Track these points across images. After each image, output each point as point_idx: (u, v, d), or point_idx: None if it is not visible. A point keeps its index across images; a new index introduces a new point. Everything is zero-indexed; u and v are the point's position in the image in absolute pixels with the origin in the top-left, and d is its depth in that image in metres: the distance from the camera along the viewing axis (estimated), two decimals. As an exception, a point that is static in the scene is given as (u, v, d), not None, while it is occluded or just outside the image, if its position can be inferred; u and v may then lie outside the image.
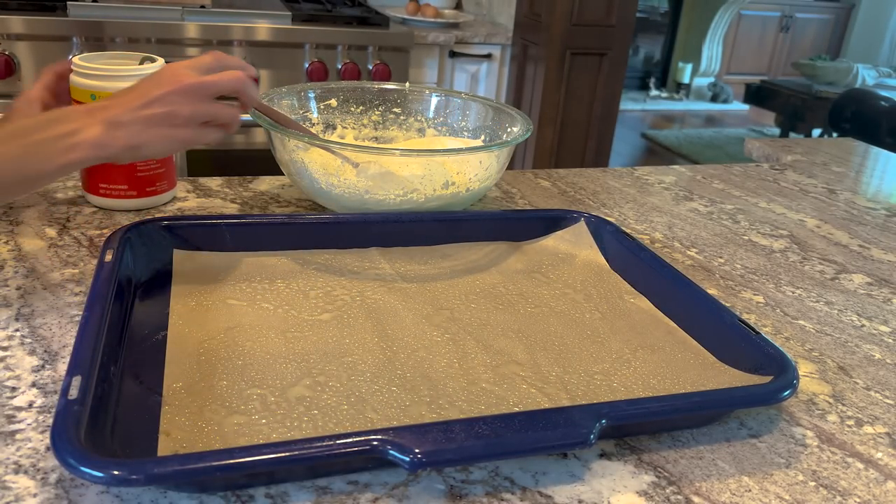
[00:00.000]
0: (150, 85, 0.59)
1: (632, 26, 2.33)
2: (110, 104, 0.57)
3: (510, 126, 0.85)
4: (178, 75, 0.59)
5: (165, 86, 0.58)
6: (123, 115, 0.57)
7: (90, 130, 0.55)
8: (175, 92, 0.58)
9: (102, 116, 0.56)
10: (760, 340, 0.55)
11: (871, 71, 5.21)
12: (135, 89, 0.59)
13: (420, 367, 0.53)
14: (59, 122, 0.55)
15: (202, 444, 0.43)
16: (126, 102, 0.57)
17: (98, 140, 0.55)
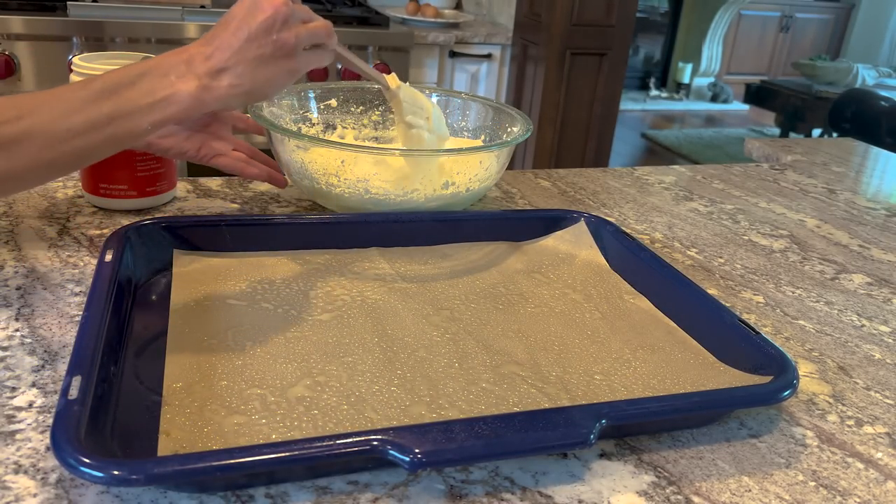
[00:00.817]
0: (245, 15, 0.54)
1: (632, 26, 2.33)
2: (208, 46, 0.53)
3: (510, 126, 0.85)
4: (273, 1, 0.54)
5: (265, 10, 0.53)
6: (226, 59, 0.53)
7: (188, 82, 0.52)
8: (276, 21, 0.54)
9: (202, 64, 0.52)
10: (760, 340, 0.55)
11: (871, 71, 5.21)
12: (229, 23, 0.54)
13: (420, 367, 0.53)
14: (151, 74, 0.52)
15: (202, 444, 0.43)
16: (226, 42, 0.53)
17: (197, 92, 0.52)
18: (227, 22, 0.54)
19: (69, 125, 0.50)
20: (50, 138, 0.50)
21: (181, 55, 0.53)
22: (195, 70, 0.52)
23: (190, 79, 0.52)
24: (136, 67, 0.53)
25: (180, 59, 0.53)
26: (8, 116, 0.49)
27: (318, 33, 0.57)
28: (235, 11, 0.55)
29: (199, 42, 0.54)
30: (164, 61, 0.53)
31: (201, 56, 0.53)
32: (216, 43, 0.53)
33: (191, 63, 0.52)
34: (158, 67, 0.52)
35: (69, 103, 0.50)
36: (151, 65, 0.52)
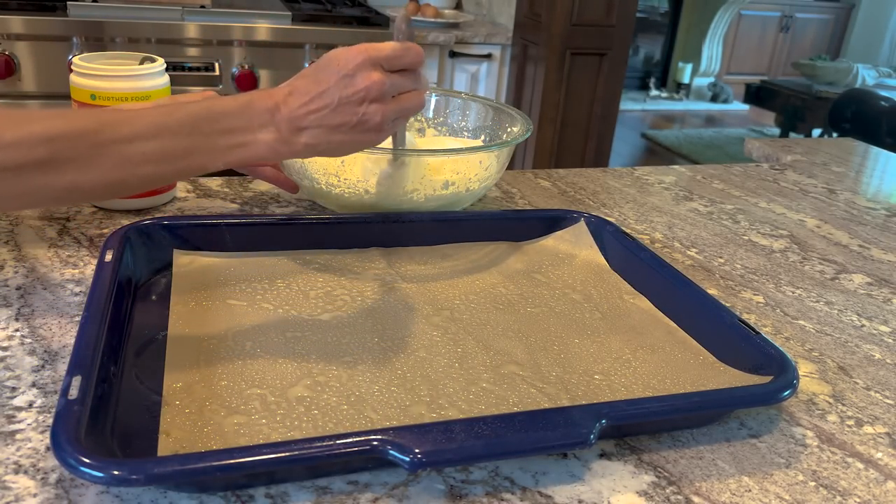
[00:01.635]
0: (341, 81, 0.53)
1: (632, 26, 2.33)
2: (296, 100, 0.52)
3: (510, 126, 0.85)
4: (371, 75, 0.53)
5: (358, 84, 0.53)
6: (309, 120, 0.52)
7: (268, 133, 0.52)
8: (368, 96, 0.53)
9: (287, 118, 0.52)
10: (760, 340, 0.55)
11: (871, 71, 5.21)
12: (321, 80, 0.53)
13: (420, 367, 0.53)
14: (236, 116, 0.52)
15: (202, 444, 0.43)
16: (315, 102, 0.52)
17: (275, 145, 0.52)
18: (319, 78, 0.53)
19: (145, 149, 0.49)
20: (123, 159, 0.49)
21: (267, 101, 0.52)
22: (278, 123, 0.52)
23: (271, 130, 0.52)
24: (223, 104, 0.52)
25: (265, 107, 0.52)
26: (88, 128, 0.48)
27: (407, 109, 0.56)
28: (332, 68, 0.53)
29: (287, 89, 0.53)
30: (252, 105, 0.52)
31: (286, 109, 0.52)
32: (303, 98, 0.53)
33: (275, 114, 0.52)
34: (244, 112, 0.52)
35: (149, 128, 0.50)
36: (238, 105, 0.52)
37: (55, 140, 0.47)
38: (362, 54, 0.53)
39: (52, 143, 0.47)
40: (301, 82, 0.53)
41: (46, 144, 0.46)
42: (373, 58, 0.53)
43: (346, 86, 0.53)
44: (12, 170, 0.46)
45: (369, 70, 0.53)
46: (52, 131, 0.47)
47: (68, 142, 0.47)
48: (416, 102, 0.57)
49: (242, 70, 1.85)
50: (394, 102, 0.55)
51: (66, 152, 0.47)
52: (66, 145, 0.47)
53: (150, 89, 0.74)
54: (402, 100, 0.56)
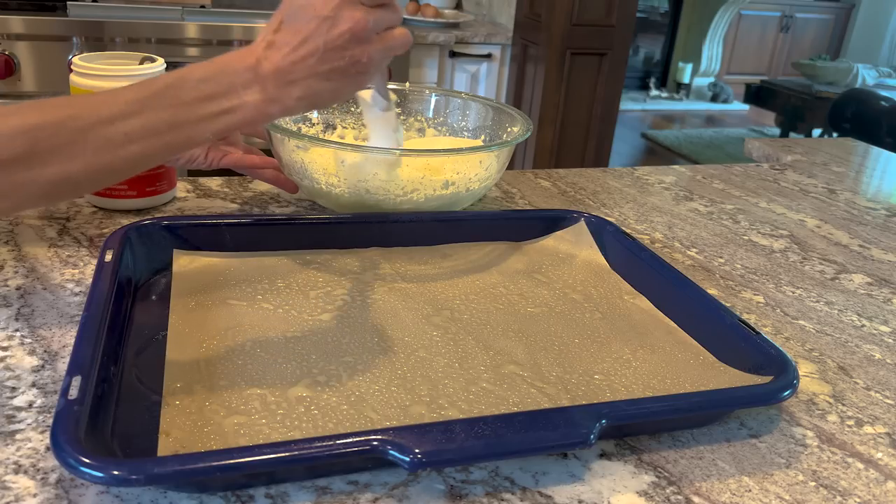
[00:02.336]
0: (322, 25, 0.49)
1: (632, 26, 2.33)
2: (278, 52, 0.49)
3: (510, 126, 0.85)
4: (353, 14, 0.49)
5: (342, 26, 0.49)
6: (297, 71, 0.49)
7: (253, 93, 0.49)
8: (354, 36, 0.50)
9: (272, 73, 0.49)
10: (760, 340, 0.55)
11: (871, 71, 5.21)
12: (301, 26, 0.49)
13: (420, 367, 0.53)
14: (215, 80, 0.49)
15: (202, 444, 0.43)
16: (299, 51, 0.49)
17: (264, 105, 0.49)
18: (298, 25, 0.50)
19: (126, 129, 0.47)
20: (106, 142, 0.47)
21: (246, 59, 0.49)
22: (263, 80, 0.49)
23: (256, 90, 0.49)
24: (198, 70, 0.49)
25: (246, 65, 0.49)
26: (65, 114, 0.46)
27: (394, 47, 0.53)
28: (308, 12, 0.50)
29: (265, 41, 0.50)
30: (229, 65, 0.49)
31: (269, 64, 0.49)
32: (285, 49, 0.49)
33: (257, 70, 0.49)
34: (223, 72, 0.49)
35: (127, 106, 0.47)
36: (214, 68, 0.49)
37: (32, 130, 0.45)
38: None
39: (29, 134, 0.45)
40: (279, 34, 0.50)
41: (24, 136, 0.45)
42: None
43: (328, 29, 0.49)
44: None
45: (350, 9, 0.50)
46: (28, 122, 0.45)
47: (46, 131, 0.45)
48: (402, 40, 0.54)
49: (242, 70, 1.85)
50: (379, 40, 0.52)
51: (46, 142, 0.45)
52: (45, 134, 0.45)
53: (150, 89, 0.74)
54: (386, 37, 0.52)
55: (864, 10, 6.19)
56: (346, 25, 0.49)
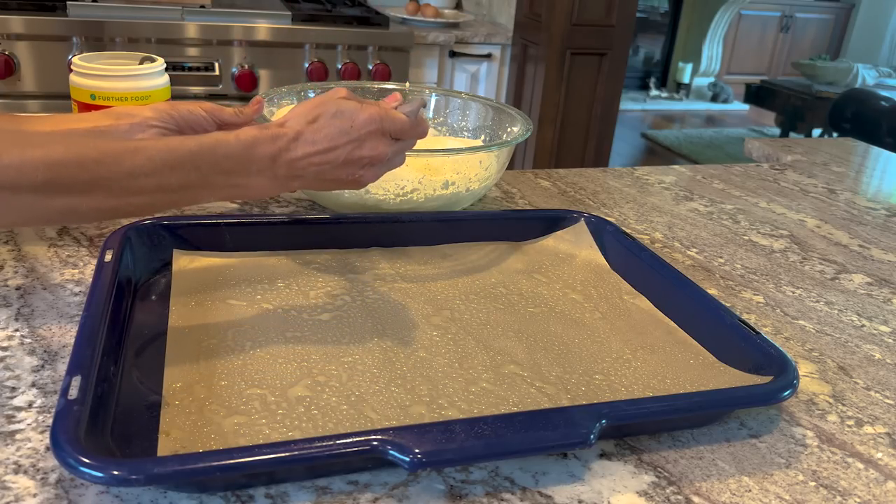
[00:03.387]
0: (350, 144, 0.54)
1: (632, 26, 2.32)
2: (301, 149, 0.53)
3: (510, 126, 0.85)
4: (378, 145, 0.55)
5: (365, 151, 0.55)
6: (309, 170, 0.54)
7: (263, 178, 0.53)
8: (370, 162, 0.56)
9: (286, 164, 0.53)
10: (760, 340, 0.55)
11: (871, 71, 5.20)
12: (333, 138, 0.54)
13: (420, 367, 0.53)
14: (235, 160, 0.51)
15: (202, 444, 0.43)
16: (319, 156, 0.54)
17: (267, 188, 0.54)
18: (330, 132, 0.54)
19: (141, 184, 0.49)
20: (121, 190, 0.49)
21: (270, 147, 0.52)
22: (276, 168, 0.53)
23: (267, 175, 0.53)
24: (226, 146, 0.51)
25: (267, 154, 0.52)
26: (89, 157, 0.48)
27: (393, 167, 0.60)
28: (344, 125, 0.54)
29: (295, 131, 0.53)
30: (254, 150, 0.52)
31: (288, 157, 0.53)
32: (309, 148, 0.53)
33: (276, 160, 0.53)
34: (245, 156, 0.52)
35: (150, 164, 0.49)
36: (241, 149, 0.51)
37: (56, 166, 0.46)
38: (376, 123, 0.55)
39: (52, 169, 0.46)
40: (311, 130, 0.54)
41: (46, 169, 0.46)
42: (385, 129, 0.56)
43: (353, 149, 0.54)
44: (9, 189, 0.45)
45: (378, 139, 0.55)
46: (52, 157, 0.46)
47: (68, 169, 0.47)
48: (401, 162, 0.61)
49: (242, 70, 1.85)
50: (385, 166, 0.58)
51: (66, 179, 0.47)
52: (66, 172, 0.47)
53: (150, 89, 0.74)
54: (391, 163, 0.59)
55: (864, 10, 6.19)
56: (369, 153, 0.55)
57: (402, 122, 0.57)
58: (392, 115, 0.56)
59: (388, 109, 0.57)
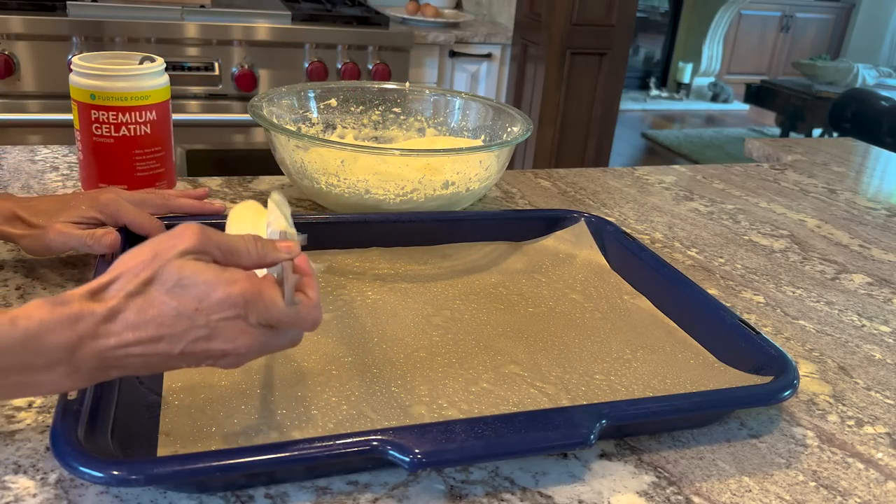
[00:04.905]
0: (192, 331, 0.38)
1: (632, 26, 2.32)
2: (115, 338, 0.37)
3: (510, 126, 0.85)
4: (238, 338, 0.39)
5: (215, 346, 0.39)
6: (128, 361, 0.38)
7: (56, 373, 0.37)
8: (226, 356, 0.40)
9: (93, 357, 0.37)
10: (761, 340, 0.55)
11: (872, 71, 5.20)
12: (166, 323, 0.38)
13: (420, 367, 0.53)
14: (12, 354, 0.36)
15: (202, 444, 0.43)
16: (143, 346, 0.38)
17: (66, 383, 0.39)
18: (164, 311, 0.38)
19: None
20: None
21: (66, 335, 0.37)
22: (78, 362, 0.37)
23: (61, 371, 0.37)
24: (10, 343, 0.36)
25: (61, 344, 0.37)
26: None
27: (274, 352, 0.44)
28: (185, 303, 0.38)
29: (108, 307, 0.37)
30: (39, 341, 0.36)
31: (95, 347, 0.37)
32: (127, 337, 0.37)
33: (74, 354, 0.37)
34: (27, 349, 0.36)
35: None
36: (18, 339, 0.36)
37: None
38: (235, 308, 0.39)
39: None
40: (134, 308, 0.37)
41: None
42: (250, 318, 0.39)
43: (199, 339, 0.38)
44: None
45: (239, 330, 0.39)
46: None
47: None
48: (289, 344, 0.44)
49: (242, 70, 1.85)
50: (257, 350, 0.41)
51: None
52: None
53: (150, 89, 0.74)
54: (270, 344, 0.42)
55: (864, 9, 6.19)
56: (223, 346, 0.39)
57: (276, 312, 0.40)
58: (264, 301, 0.39)
59: (260, 287, 0.40)
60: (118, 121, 0.73)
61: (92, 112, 0.73)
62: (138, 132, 0.74)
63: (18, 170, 0.85)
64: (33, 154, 0.91)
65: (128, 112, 0.73)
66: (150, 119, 0.74)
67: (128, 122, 0.73)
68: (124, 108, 0.73)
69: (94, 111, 0.73)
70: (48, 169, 0.86)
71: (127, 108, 0.73)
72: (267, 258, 0.42)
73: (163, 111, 0.76)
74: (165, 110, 0.76)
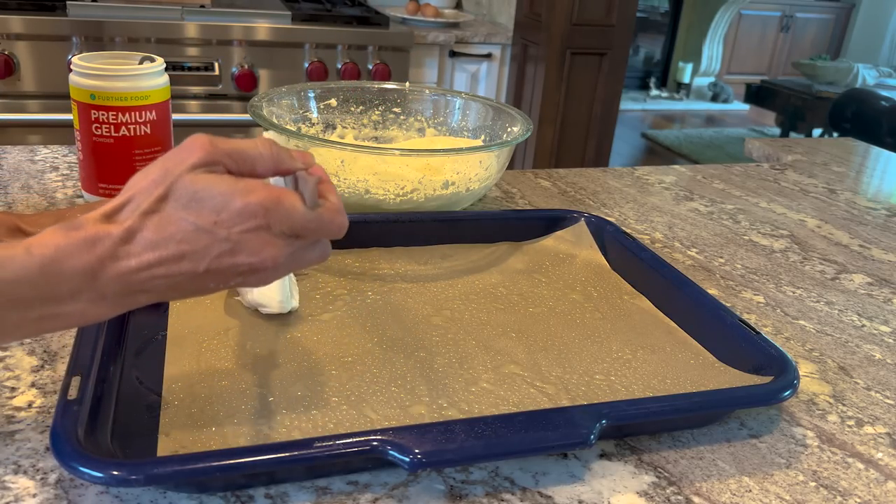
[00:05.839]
0: (215, 246, 0.37)
1: (632, 26, 2.32)
2: (136, 259, 0.36)
3: (510, 126, 0.85)
4: (263, 249, 0.38)
5: (241, 259, 0.38)
6: (153, 283, 0.37)
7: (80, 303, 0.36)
8: (253, 270, 0.38)
9: (115, 281, 0.36)
10: (761, 340, 0.55)
11: (872, 71, 5.21)
12: (188, 239, 0.36)
13: (420, 367, 0.53)
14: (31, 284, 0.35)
15: (202, 444, 0.43)
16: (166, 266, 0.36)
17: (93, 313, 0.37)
18: (183, 227, 0.36)
19: None
20: None
21: (84, 258, 0.35)
22: (100, 288, 0.36)
23: (86, 298, 0.36)
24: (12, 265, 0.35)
25: (80, 269, 0.35)
26: None
27: (301, 268, 0.42)
28: (204, 216, 0.36)
29: (125, 228, 0.36)
30: (57, 268, 0.35)
31: (117, 271, 0.36)
32: (148, 257, 0.36)
33: (96, 279, 0.36)
34: (44, 277, 0.35)
35: None
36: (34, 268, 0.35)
37: None
38: (257, 218, 0.37)
39: None
40: (151, 226, 0.36)
41: None
42: (273, 227, 0.38)
43: (221, 255, 0.37)
44: None
45: (263, 241, 0.38)
46: None
47: None
48: (317, 258, 0.41)
49: (242, 70, 1.85)
50: (285, 265, 0.39)
51: None
52: None
53: (150, 89, 0.74)
54: (298, 259, 0.40)
55: (864, 9, 6.19)
56: (249, 260, 0.38)
57: (300, 219, 0.38)
58: (285, 208, 0.38)
59: (279, 194, 0.38)
60: (118, 121, 0.73)
61: (92, 112, 0.73)
62: (138, 132, 0.74)
63: (18, 170, 0.85)
64: (33, 154, 0.91)
65: (128, 112, 0.73)
66: (150, 119, 0.74)
67: (128, 122, 0.73)
68: (124, 108, 0.73)
69: (94, 111, 0.73)
70: (48, 169, 0.86)
71: (127, 108, 0.73)
72: (283, 165, 0.40)
73: (163, 111, 0.76)
74: (165, 110, 0.76)
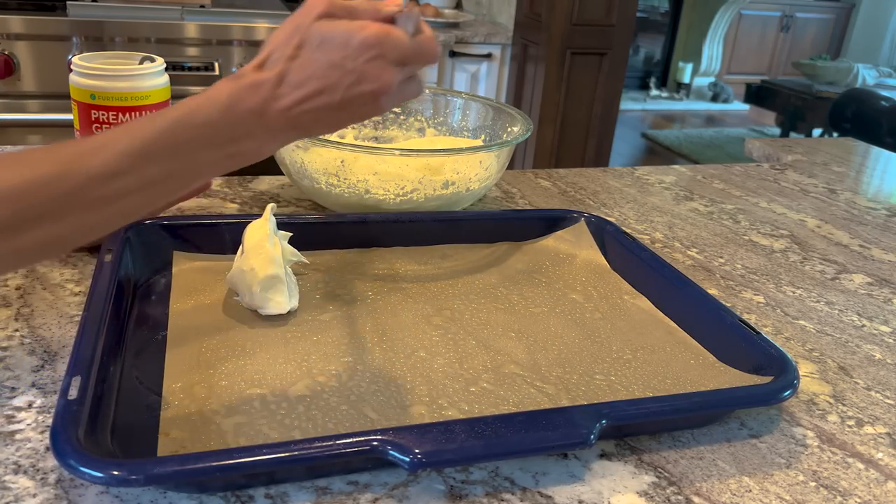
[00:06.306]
0: (346, 77, 0.44)
1: (632, 26, 2.33)
2: (289, 96, 0.43)
3: (510, 126, 0.85)
4: (382, 75, 0.44)
5: (366, 87, 0.44)
6: (306, 118, 0.44)
7: (254, 140, 0.44)
8: (375, 96, 0.45)
9: (277, 116, 0.43)
10: (761, 340, 0.55)
11: (872, 71, 5.20)
12: (325, 75, 0.43)
13: (420, 367, 0.53)
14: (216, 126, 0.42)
15: (202, 444, 0.43)
16: (314, 100, 0.44)
17: (264, 147, 0.45)
18: (318, 66, 0.43)
19: (120, 185, 0.41)
20: (98, 200, 0.41)
21: (252, 99, 0.43)
22: (268, 124, 0.43)
23: (258, 135, 0.44)
24: (201, 112, 0.43)
25: (251, 109, 0.43)
26: (49, 176, 0.40)
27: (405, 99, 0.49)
28: (335, 54, 0.44)
29: (276, 73, 0.43)
30: (234, 109, 0.42)
31: (278, 110, 0.43)
32: (297, 95, 0.43)
33: (263, 116, 0.43)
34: (226, 118, 0.42)
35: (121, 159, 0.41)
36: (219, 111, 0.42)
37: (14, 196, 0.39)
38: (374, 48, 0.44)
39: (11, 200, 0.39)
40: (294, 69, 0.43)
41: (5, 202, 0.39)
42: (387, 55, 0.44)
43: (350, 85, 0.44)
44: None
45: (378, 68, 0.44)
46: (8, 185, 0.39)
47: (31, 194, 0.39)
48: (417, 91, 0.49)
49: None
50: (398, 92, 0.47)
51: (32, 208, 0.39)
52: (30, 198, 0.39)
53: (150, 89, 0.74)
54: (404, 92, 0.48)
55: (864, 9, 6.19)
56: (372, 86, 0.44)
57: (406, 46, 0.45)
58: (394, 37, 0.45)
59: (388, 28, 0.45)
60: (118, 121, 0.73)
61: (92, 112, 0.73)
62: (138, 132, 0.74)
63: (18, 170, 0.85)
64: (33, 154, 0.90)
65: (128, 112, 0.73)
66: (150, 119, 0.74)
67: (128, 122, 0.73)
68: (124, 108, 0.73)
69: (94, 111, 0.73)
70: (48, 169, 0.86)
71: (127, 108, 0.73)
72: (382, 11, 0.47)
73: (163, 111, 0.76)
74: (165, 110, 0.76)
